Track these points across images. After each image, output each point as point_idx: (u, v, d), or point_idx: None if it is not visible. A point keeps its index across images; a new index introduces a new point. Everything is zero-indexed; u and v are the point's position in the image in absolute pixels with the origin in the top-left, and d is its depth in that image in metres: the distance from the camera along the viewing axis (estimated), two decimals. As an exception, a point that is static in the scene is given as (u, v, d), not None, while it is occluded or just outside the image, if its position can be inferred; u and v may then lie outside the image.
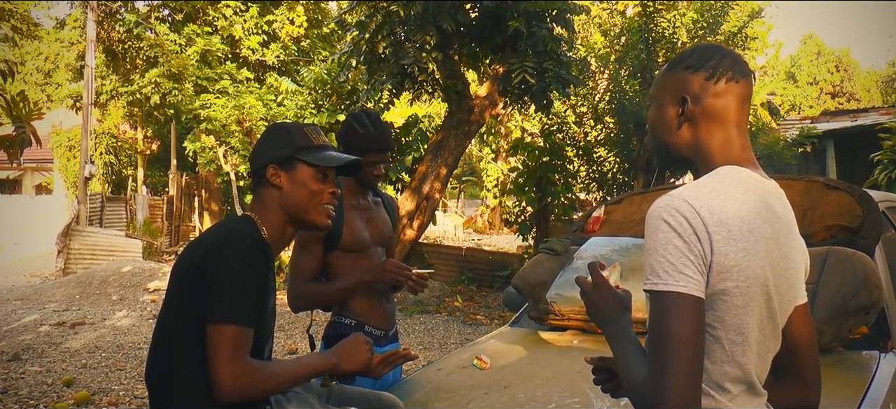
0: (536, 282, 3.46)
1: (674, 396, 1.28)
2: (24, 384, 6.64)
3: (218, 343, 1.86)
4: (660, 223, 1.36)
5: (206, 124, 15.97)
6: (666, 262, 1.34)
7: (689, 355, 1.31)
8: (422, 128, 13.34)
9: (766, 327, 1.43)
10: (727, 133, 1.50)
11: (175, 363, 1.94)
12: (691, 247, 1.33)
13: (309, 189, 2.11)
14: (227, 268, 1.90)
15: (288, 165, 2.11)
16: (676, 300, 1.32)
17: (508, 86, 10.20)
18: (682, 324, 1.31)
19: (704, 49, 1.55)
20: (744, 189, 1.42)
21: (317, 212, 2.13)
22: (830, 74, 41.29)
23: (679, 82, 1.53)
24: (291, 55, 19.45)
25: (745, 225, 1.37)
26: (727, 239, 1.35)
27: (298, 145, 2.12)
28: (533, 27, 9.87)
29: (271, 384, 1.96)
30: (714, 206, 1.36)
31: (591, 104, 14.24)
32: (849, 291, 2.63)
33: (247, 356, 1.90)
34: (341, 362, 2.11)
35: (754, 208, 1.41)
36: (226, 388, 1.85)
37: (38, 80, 26.69)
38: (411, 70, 9.84)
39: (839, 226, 3.00)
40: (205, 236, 2.08)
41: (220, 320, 1.87)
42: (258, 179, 2.14)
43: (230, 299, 1.88)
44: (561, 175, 12.70)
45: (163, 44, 17.44)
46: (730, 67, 1.50)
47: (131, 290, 12.02)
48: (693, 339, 1.32)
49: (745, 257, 1.36)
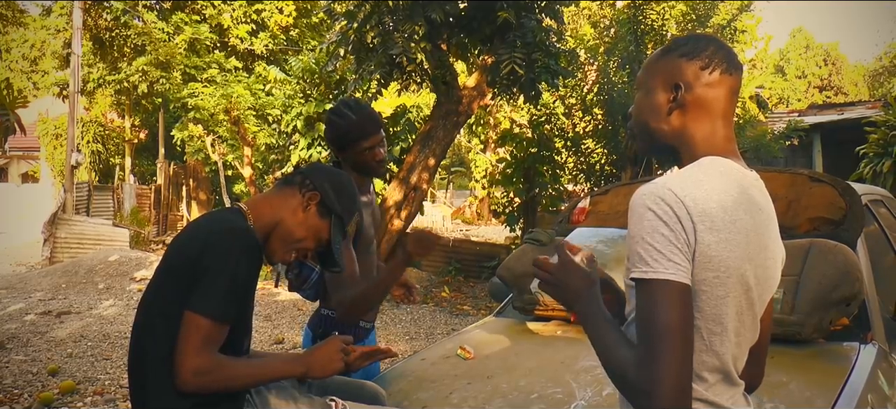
0: (521, 272, 3.47)
1: (669, 385, 1.29)
2: (8, 373, 6.60)
3: (189, 332, 1.86)
4: (645, 211, 1.36)
5: (195, 113, 15.89)
6: (654, 250, 1.34)
7: (681, 342, 1.31)
8: (410, 118, 13.31)
9: (745, 317, 1.44)
10: (714, 124, 1.51)
11: (155, 350, 1.93)
12: (677, 235, 1.33)
13: (307, 238, 2.16)
14: (219, 263, 1.90)
15: (324, 212, 2.16)
16: (666, 288, 1.32)
17: (497, 77, 10.18)
18: (673, 312, 1.31)
19: (700, 38, 1.55)
20: (727, 180, 1.43)
21: (286, 253, 2.16)
22: (819, 68, 41.43)
23: (672, 69, 1.52)
24: (280, 44, 19.36)
25: (727, 216, 1.37)
26: (710, 229, 1.35)
27: (346, 217, 2.22)
28: (522, 18, 9.85)
29: (233, 384, 1.96)
30: (697, 196, 1.36)
31: (579, 96, 14.23)
32: (831, 283, 2.65)
33: (214, 352, 1.90)
34: (310, 371, 2.10)
35: (736, 198, 1.41)
36: (185, 377, 1.86)
37: (24, 67, 26.43)
38: (400, 60, 9.81)
39: (822, 219, 3.02)
40: (199, 227, 2.05)
41: (197, 310, 1.87)
42: (302, 184, 2.16)
43: (213, 292, 1.88)
44: (549, 166, 12.72)
45: (151, 32, 17.32)
46: (725, 59, 1.51)
47: (118, 279, 11.96)
48: (684, 327, 1.32)
49: (726, 248, 1.36)
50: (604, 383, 2.44)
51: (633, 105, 1.63)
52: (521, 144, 12.62)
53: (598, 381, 2.46)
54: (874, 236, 3.35)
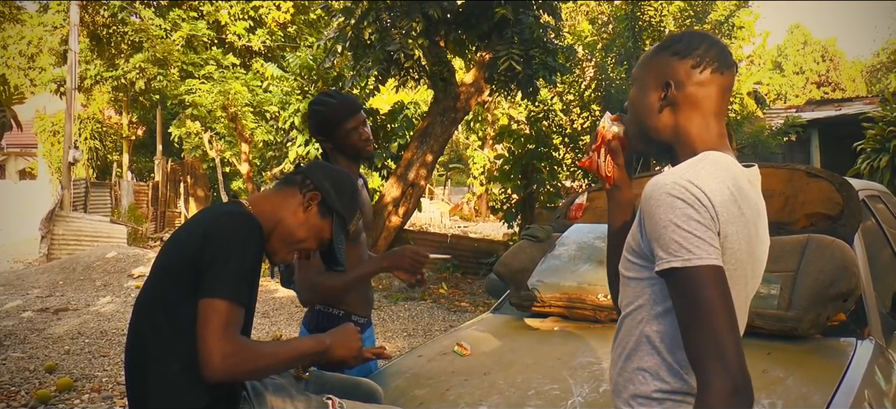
0: (518, 269, 3.46)
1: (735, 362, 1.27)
2: (5, 370, 6.59)
3: (210, 319, 1.82)
4: (673, 200, 1.35)
5: (192, 110, 15.90)
6: (693, 236, 1.32)
7: (736, 324, 1.30)
8: (408, 115, 13.31)
9: (742, 308, 1.45)
10: (706, 122, 1.51)
11: (155, 349, 1.92)
12: (710, 223, 1.33)
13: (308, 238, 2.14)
14: (226, 248, 1.88)
15: (326, 212, 2.15)
16: (715, 273, 1.31)
17: (495, 73, 10.19)
18: (726, 295, 1.31)
19: (693, 36, 1.55)
20: (731, 176, 1.43)
21: (288, 253, 2.16)
22: (816, 64, 41.46)
23: (664, 67, 1.53)
24: (277, 41, 19.36)
25: (736, 209, 1.39)
26: (728, 221, 1.36)
27: (347, 217, 2.20)
28: (520, 14, 9.85)
29: (260, 364, 1.93)
30: (713, 188, 1.36)
31: (577, 92, 14.24)
32: (828, 278, 2.65)
33: (238, 334, 1.87)
34: (333, 346, 2.09)
35: (738, 193, 1.42)
36: (216, 364, 1.80)
37: (21, 64, 26.41)
38: (397, 56, 9.81)
39: (820, 214, 3.02)
40: (198, 222, 2.02)
41: (215, 295, 1.83)
42: (302, 183, 2.16)
43: (225, 276, 1.85)
44: (547, 163, 12.71)
45: (148, 29, 17.31)
46: (716, 58, 1.51)
47: (116, 276, 11.94)
48: (733, 309, 1.31)
49: (736, 241, 1.38)
50: (601, 379, 2.44)
51: (628, 100, 1.64)
52: (519, 141, 12.61)
53: (595, 377, 2.46)
54: (871, 231, 3.35)
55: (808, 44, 42.29)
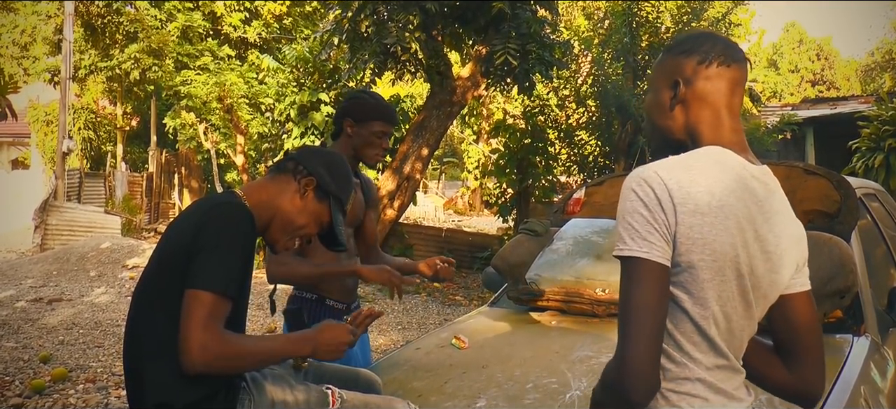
0: (516, 262, 3.47)
1: (634, 358, 1.34)
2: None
3: (192, 310, 1.80)
4: (628, 192, 1.42)
5: (187, 101, 15.84)
6: (632, 229, 1.39)
7: (651, 322, 1.35)
8: (404, 108, 13.29)
9: (737, 305, 1.44)
10: (717, 116, 1.54)
11: (152, 339, 1.92)
12: (656, 216, 1.38)
13: (309, 224, 2.15)
14: (216, 238, 1.87)
15: (322, 195, 2.15)
16: (639, 265, 1.37)
17: (491, 67, 10.18)
18: (645, 289, 1.36)
19: (699, 35, 1.60)
20: (721, 168, 1.44)
21: (289, 241, 2.15)
22: (811, 63, 41.62)
23: (673, 67, 1.58)
24: (273, 33, 19.30)
25: (714, 201, 1.39)
26: (693, 212, 1.38)
27: (343, 197, 2.20)
28: (516, 9, 9.84)
29: (240, 362, 1.92)
30: (683, 179, 1.40)
31: (573, 87, 14.24)
32: (825, 275, 2.65)
33: (220, 327, 1.84)
34: (317, 352, 2.06)
35: (728, 186, 1.43)
36: (193, 355, 1.78)
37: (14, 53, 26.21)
38: (394, 50, 9.79)
39: (817, 211, 3.03)
40: (191, 213, 2.01)
41: (199, 287, 1.82)
42: (295, 170, 2.15)
43: (211, 266, 1.84)
44: (542, 157, 12.73)
45: (143, 19, 17.24)
46: (722, 53, 1.54)
47: (110, 266, 11.92)
48: (655, 306, 1.36)
49: (711, 232, 1.38)
50: (599, 372, 2.44)
51: (645, 106, 1.69)
52: (515, 135, 12.62)
53: (593, 371, 2.47)
54: (867, 229, 3.36)
55: (804, 42, 42.43)
